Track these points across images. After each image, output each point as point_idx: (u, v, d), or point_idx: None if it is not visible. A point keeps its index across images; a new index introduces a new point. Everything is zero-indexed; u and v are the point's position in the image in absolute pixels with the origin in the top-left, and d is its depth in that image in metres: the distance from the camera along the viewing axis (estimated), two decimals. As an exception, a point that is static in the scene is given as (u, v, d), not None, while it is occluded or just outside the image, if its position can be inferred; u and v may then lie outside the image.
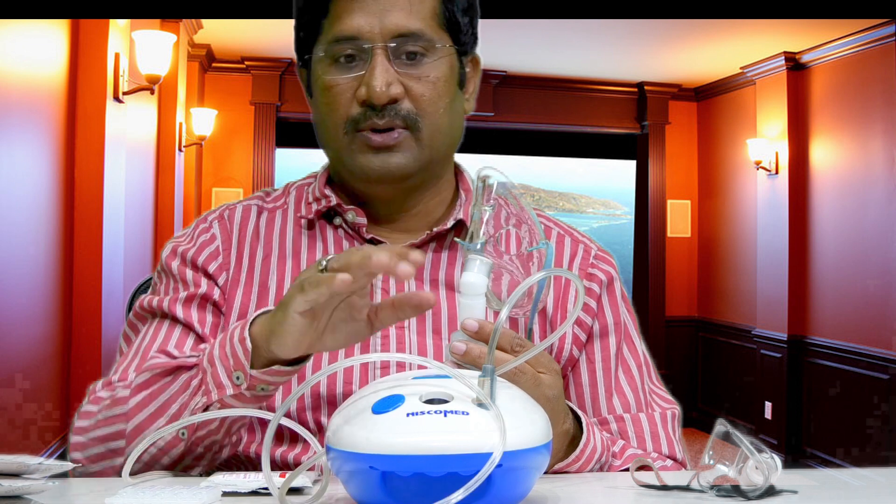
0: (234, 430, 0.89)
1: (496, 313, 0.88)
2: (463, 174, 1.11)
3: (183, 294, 1.03)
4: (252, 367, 0.82)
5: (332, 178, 1.09)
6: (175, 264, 1.05)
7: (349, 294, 0.77)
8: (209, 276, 1.04)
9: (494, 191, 0.88)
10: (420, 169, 1.01)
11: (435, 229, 1.04)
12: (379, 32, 0.96)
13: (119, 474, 0.86)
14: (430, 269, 1.05)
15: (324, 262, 0.76)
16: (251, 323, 0.83)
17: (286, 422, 0.82)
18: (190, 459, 0.89)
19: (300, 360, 0.83)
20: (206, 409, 0.84)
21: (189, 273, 1.04)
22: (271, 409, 0.95)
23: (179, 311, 1.02)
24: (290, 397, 0.72)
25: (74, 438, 0.95)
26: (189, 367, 0.88)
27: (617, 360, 1.07)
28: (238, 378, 0.82)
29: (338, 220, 1.06)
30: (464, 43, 1.04)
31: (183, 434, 0.87)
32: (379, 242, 1.05)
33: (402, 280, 0.73)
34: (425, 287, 1.04)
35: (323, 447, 0.72)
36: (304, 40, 1.03)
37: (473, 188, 0.91)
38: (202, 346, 0.92)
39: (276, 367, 0.82)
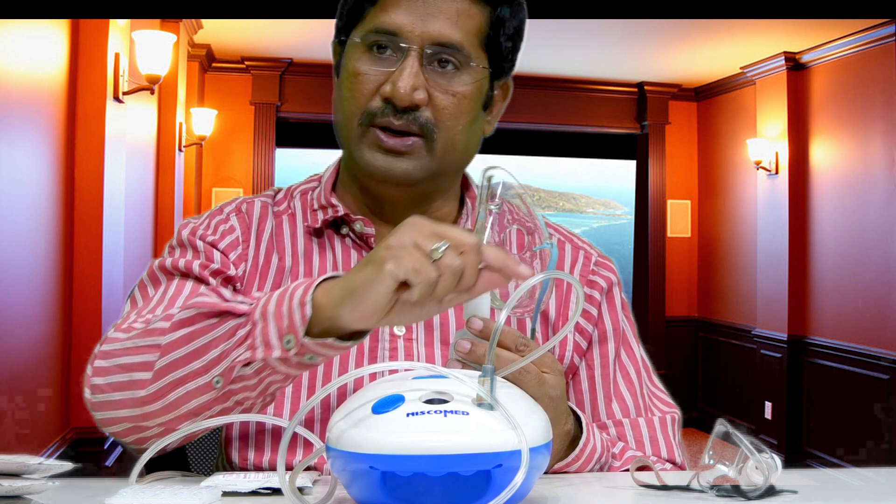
0: (270, 390, 0.83)
1: (495, 312, 0.88)
2: (469, 183, 1.10)
3: (210, 265, 1.00)
4: (307, 333, 0.77)
5: (339, 181, 1.08)
6: (197, 241, 1.02)
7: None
8: (230, 262, 1.02)
9: (500, 190, 0.88)
10: (424, 178, 1.00)
11: None
12: (419, 35, 0.96)
13: (137, 407, 0.83)
14: None
15: (440, 251, 0.73)
16: (316, 286, 0.78)
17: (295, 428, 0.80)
18: (218, 409, 0.83)
19: (357, 336, 0.79)
20: (247, 364, 0.79)
21: (214, 252, 1.02)
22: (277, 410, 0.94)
23: (210, 278, 0.99)
24: (302, 409, 0.71)
25: (96, 363, 0.87)
26: (238, 315, 0.81)
27: (615, 365, 1.08)
28: (289, 343, 0.77)
29: (345, 230, 1.05)
30: (501, 67, 1.03)
31: (217, 382, 0.81)
32: None
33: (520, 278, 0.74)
34: None
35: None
36: (347, 21, 1.02)
37: (478, 188, 0.90)
38: (256, 293, 0.84)
39: (331, 341, 0.77)
